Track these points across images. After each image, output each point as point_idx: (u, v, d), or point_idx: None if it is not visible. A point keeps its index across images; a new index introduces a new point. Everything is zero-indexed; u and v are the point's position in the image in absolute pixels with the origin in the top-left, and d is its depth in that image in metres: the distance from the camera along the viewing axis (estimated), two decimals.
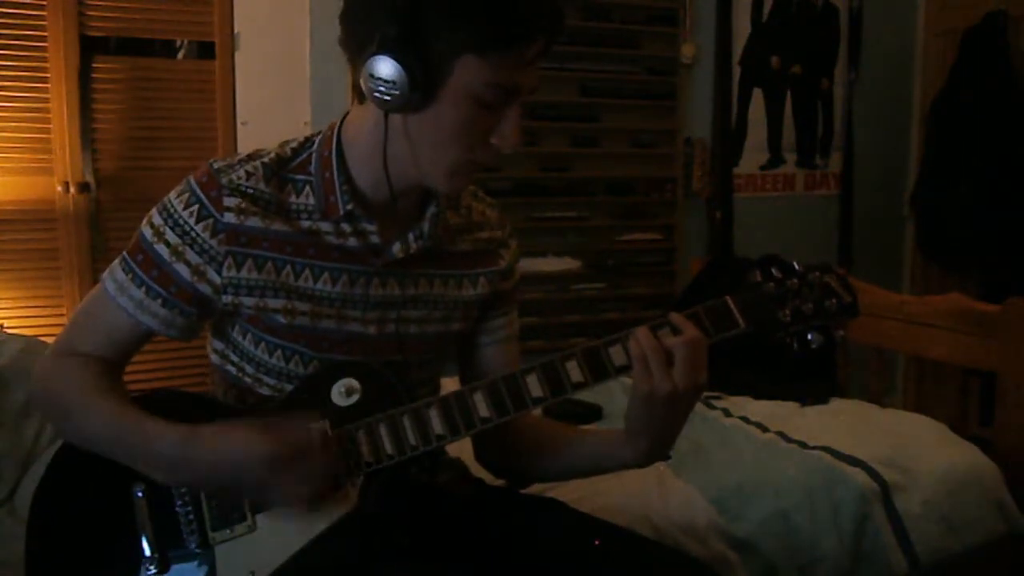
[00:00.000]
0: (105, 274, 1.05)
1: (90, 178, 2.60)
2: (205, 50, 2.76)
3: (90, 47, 2.59)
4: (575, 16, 3.06)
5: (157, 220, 1.02)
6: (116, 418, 0.98)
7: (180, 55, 2.81)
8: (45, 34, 2.52)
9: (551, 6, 0.93)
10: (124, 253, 1.04)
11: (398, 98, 0.92)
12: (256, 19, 2.74)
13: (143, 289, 1.02)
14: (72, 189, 2.57)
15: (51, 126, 2.55)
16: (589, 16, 3.08)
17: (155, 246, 1.01)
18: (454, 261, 1.13)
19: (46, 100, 2.54)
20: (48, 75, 2.53)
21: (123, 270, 1.03)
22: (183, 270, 1.01)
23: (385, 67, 0.91)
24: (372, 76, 0.92)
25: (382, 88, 0.92)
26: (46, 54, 2.53)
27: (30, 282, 2.56)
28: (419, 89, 0.91)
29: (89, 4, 2.57)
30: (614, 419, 2.03)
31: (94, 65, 2.60)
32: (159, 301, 1.02)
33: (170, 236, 1.01)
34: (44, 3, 2.51)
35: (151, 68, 2.72)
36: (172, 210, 1.01)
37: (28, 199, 2.55)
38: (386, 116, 0.97)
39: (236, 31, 2.74)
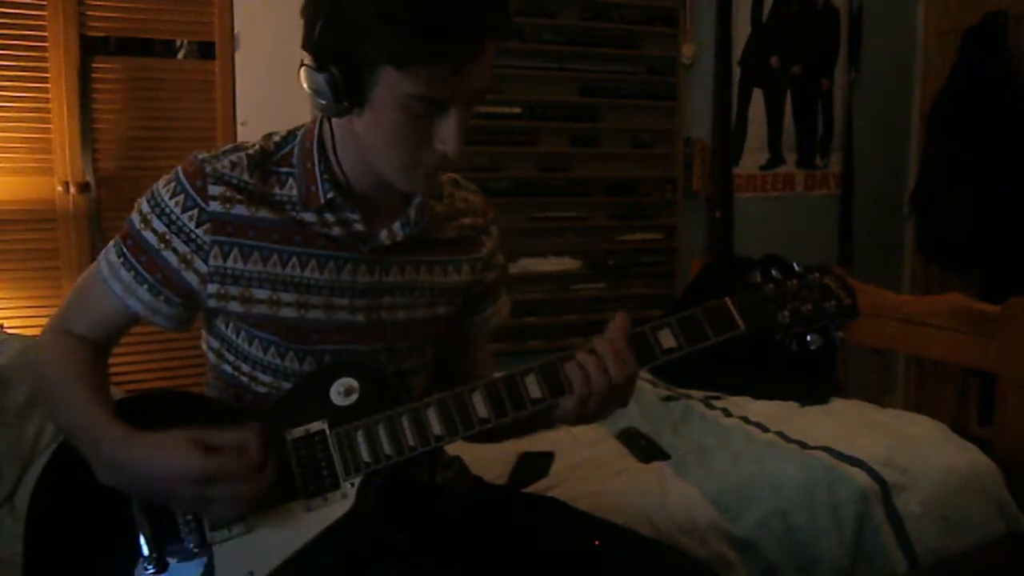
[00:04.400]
0: (101, 254, 1.07)
1: (90, 178, 2.60)
2: (205, 50, 2.76)
3: (90, 47, 2.59)
4: (575, 16, 3.06)
5: (145, 208, 1.03)
6: (82, 412, 0.99)
7: (180, 55, 2.81)
8: (45, 34, 2.52)
9: (469, 23, 0.87)
10: (117, 236, 1.06)
11: (329, 107, 0.94)
12: (256, 19, 2.74)
13: (132, 273, 1.03)
14: (72, 189, 2.57)
15: (51, 126, 2.55)
16: (589, 16, 3.08)
17: (143, 233, 1.03)
18: (439, 248, 1.14)
19: (46, 100, 2.54)
20: (48, 75, 2.53)
21: (116, 253, 1.05)
22: (171, 258, 1.02)
23: (311, 79, 0.93)
24: (305, 86, 0.94)
25: (313, 98, 0.94)
26: (46, 54, 2.53)
27: (30, 282, 2.56)
28: (345, 99, 0.92)
29: (89, 4, 2.56)
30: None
31: (94, 65, 2.59)
32: (145, 287, 1.03)
33: (157, 224, 1.02)
34: (44, 3, 2.50)
35: (151, 68, 2.71)
36: (159, 198, 1.02)
37: (28, 199, 2.55)
38: (329, 121, 1.01)
39: (236, 31, 2.73)
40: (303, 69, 0.93)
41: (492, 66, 0.93)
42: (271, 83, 2.75)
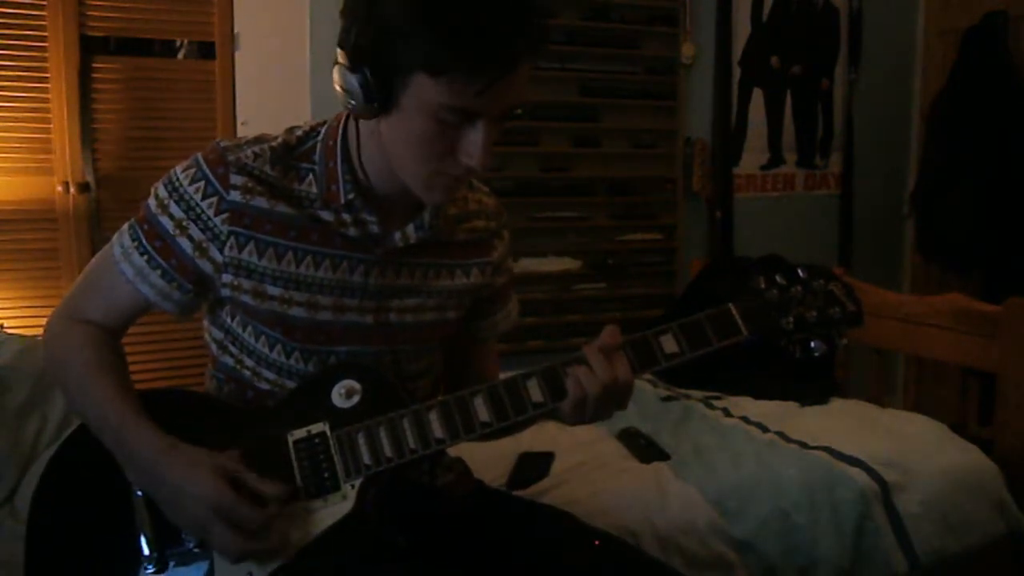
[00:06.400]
0: (115, 237, 1.06)
1: (90, 178, 2.60)
2: (205, 50, 2.76)
3: (90, 47, 2.59)
4: (575, 16, 3.06)
5: (162, 193, 1.03)
6: (110, 406, 0.99)
7: (180, 55, 2.81)
8: (45, 34, 2.52)
9: (507, 41, 0.86)
10: (132, 219, 1.05)
11: (358, 107, 0.93)
12: (256, 19, 2.74)
13: (145, 258, 1.03)
14: (72, 189, 2.57)
15: (51, 126, 2.55)
16: (589, 16, 3.08)
17: (159, 218, 1.02)
18: (451, 251, 1.13)
19: (46, 100, 2.54)
20: (48, 75, 2.53)
21: (130, 237, 1.04)
22: (186, 244, 1.02)
23: (344, 78, 0.92)
24: (337, 85, 0.93)
25: (344, 98, 0.93)
26: (46, 54, 2.53)
27: (30, 282, 2.56)
28: (375, 101, 0.91)
29: (89, 4, 2.56)
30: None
31: (94, 65, 2.59)
32: (158, 272, 1.03)
33: (174, 210, 1.01)
34: (44, 3, 2.50)
35: (151, 68, 2.72)
36: (178, 184, 1.02)
37: (28, 199, 2.55)
38: (356, 121, 1.00)
39: (236, 31, 2.73)
40: (336, 68, 0.92)
41: (526, 85, 0.92)
42: (271, 83, 2.75)
